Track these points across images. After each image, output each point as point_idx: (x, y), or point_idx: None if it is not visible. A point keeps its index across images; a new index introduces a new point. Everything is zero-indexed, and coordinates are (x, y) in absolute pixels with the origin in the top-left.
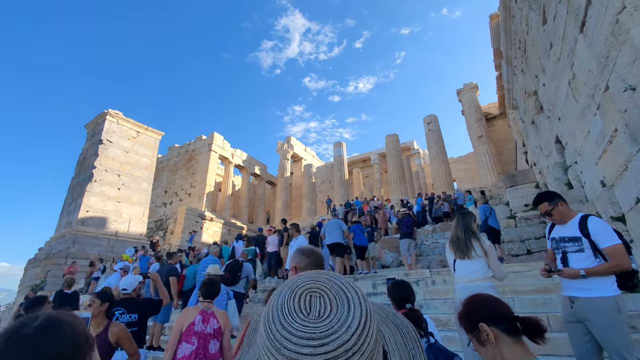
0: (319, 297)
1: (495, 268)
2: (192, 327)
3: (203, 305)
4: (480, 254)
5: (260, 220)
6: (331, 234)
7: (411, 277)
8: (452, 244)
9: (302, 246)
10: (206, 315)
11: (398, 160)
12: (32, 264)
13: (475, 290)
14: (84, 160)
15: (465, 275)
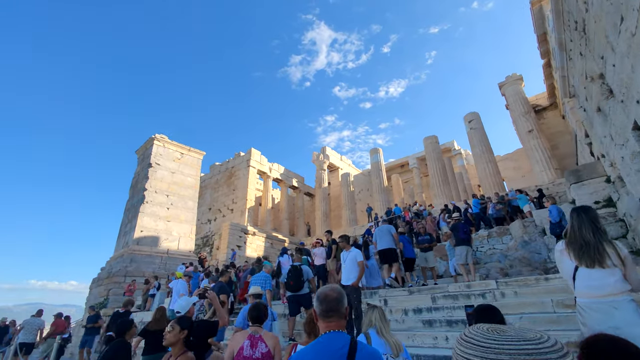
0: None
1: (635, 280)
2: (241, 352)
3: (251, 330)
4: (617, 262)
5: (301, 232)
6: (382, 240)
7: (474, 289)
8: (576, 247)
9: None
10: (254, 340)
11: (439, 162)
12: (95, 282)
13: (614, 306)
14: (136, 183)
15: (597, 287)
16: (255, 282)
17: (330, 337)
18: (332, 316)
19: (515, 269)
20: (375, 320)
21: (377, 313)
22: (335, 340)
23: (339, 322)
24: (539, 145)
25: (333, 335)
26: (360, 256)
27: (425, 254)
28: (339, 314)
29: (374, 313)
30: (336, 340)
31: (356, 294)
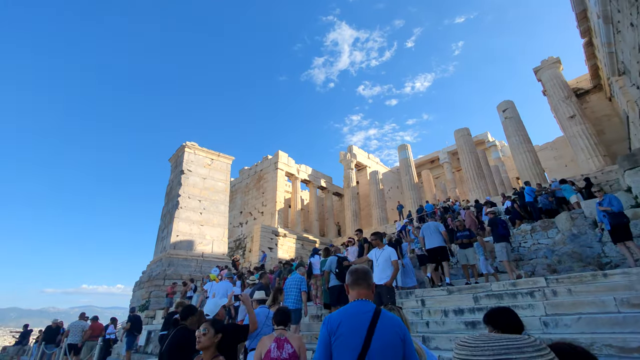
0: None
1: None
2: (268, 354)
3: (277, 333)
4: None
5: (331, 232)
6: (432, 238)
7: (521, 287)
8: None
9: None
10: (280, 342)
11: (472, 155)
12: (138, 285)
13: None
14: (170, 190)
15: None
16: (290, 284)
17: (359, 304)
18: (361, 284)
19: (564, 265)
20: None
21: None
22: (363, 306)
23: (367, 292)
24: (583, 132)
25: (361, 302)
26: (394, 254)
27: (465, 251)
28: (367, 284)
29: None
30: (364, 306)
31: (390, 294)
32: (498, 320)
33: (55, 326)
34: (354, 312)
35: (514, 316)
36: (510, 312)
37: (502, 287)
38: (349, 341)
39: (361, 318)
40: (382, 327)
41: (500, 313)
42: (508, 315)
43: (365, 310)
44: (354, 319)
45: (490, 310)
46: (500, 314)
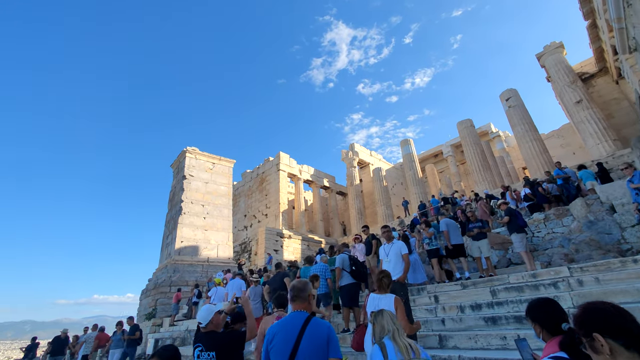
0: None
1: None
2: None
3: (278, 313)
4: None
5: (336, 232)
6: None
7: (542, 278)
8: None
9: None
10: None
11: (476, 147)
12: (144, 294)
13: None
14: (173, 196)
15: None
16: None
17: (295, 315)
18: (299, 297)
19: (582, 253)
20: (387, 324)
21: (387, 317)
22: (297, 317)
23: (303, 304)
24: (591, 116)
25: (297, 313)
26: (405, 248)
27: (479, 243)
28: (303, 297)
29: (385, 317)
30: (298, 317)
31: (403, 291)
32: (537, 316)
33: (64, 336)
34: (288, 323)
35: (555, 308)
36: (549, 304)
37: (522, 279)
38: (281, 347)
39: (293, 327)
40: (309, 333)
41: (539, 306)
42: (547, 307)
43: (298, 320)
44: (288, 329)
45: (530, 303)
46: (539, 307)
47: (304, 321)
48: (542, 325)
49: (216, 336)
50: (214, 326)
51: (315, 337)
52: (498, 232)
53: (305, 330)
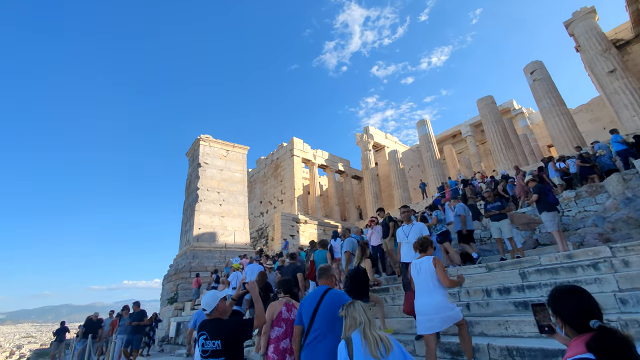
0: None
1: None
2: (280, 315)
3: (285, 299)
4: None
5: (352, 216)
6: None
7: (579, 259)
8: None
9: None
10: (289, 306)
11: (498, 125)
12: (166, 279)
13: None
14: (189, 184)
15: None
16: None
17: (319, 288)
18: (323, 276)
19: (620, 232)
20: (359, 315)
21: (359, 307)
22: (320, 289)
23: (326, 280)
24: (625, 86)
25: (320, 287)
26: (425, 229)
27: (499, 224)
28: (326, 276)
29: (356, 309)
30: (320, 289)
31: None
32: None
33: (95, 319)
34: (313, 293)
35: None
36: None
37: (555, 260)
38: (308, 309)
39: (317, 295)
40: (327, 299)
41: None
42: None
43: (320, 291)
44: (312, 296)
45: (552, 292)
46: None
47: (324, 292)
48: (565, 320)
49: (222, 324)
50: (220, 313)
51: (331, 301)
52: (523, 212)
53: (324, 297)
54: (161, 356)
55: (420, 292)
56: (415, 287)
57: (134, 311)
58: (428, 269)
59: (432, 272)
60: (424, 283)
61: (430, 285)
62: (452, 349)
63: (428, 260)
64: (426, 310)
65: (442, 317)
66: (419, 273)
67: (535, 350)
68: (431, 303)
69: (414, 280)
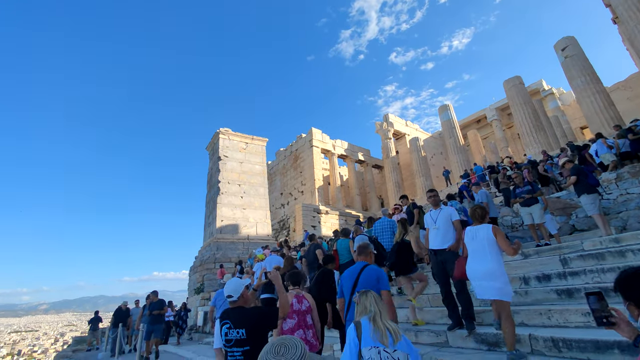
0: None
1: None
2: (291, 307)
3: (295, 291)
4: None
5: (374, 206)
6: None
7: (628, 243)
8: None
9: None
10: (299, 298)
11: (527, 106)
12: (192, 270)
13: None
14: (210, 177)
15: None
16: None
17: (358, 264)
18: (363, 253)
19: None
20: (370, 305)
21: (371, 297)
22: (358, 265)
23: (365, 257)
24: None
25: (359, 263)
26: (455, 214)
27: (530, 209)
28: (365, 253)
29: (368, 298)
30: (359, 265)
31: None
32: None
33: (125, 308)
34: (353, 268)
35: None
36: None
37: (600, 245)
38: (348, 283)
39: (355, 270)
40: (364, 274)
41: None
42: None
43: (359, 267)
44: (352, 271)
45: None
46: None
47: (362, 267)
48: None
49: (246, 312)
50: (243, 301)
51: (369, 276)
52: (558, 197)
53: (362, 272)
54: (190, 344)
55: (474, 257)
56: (470, 252)
57: (152, 301)
58: (486, 236)
59: (490, 240)
60: (479, 250)
61: (486, 252)
62: (488, 339)
63: (486, 229)
64: (479, 275)
65: (495, 286)
66: (474, 239)
67: (586, 342)
68: (484, 269)
69: (468, 246)
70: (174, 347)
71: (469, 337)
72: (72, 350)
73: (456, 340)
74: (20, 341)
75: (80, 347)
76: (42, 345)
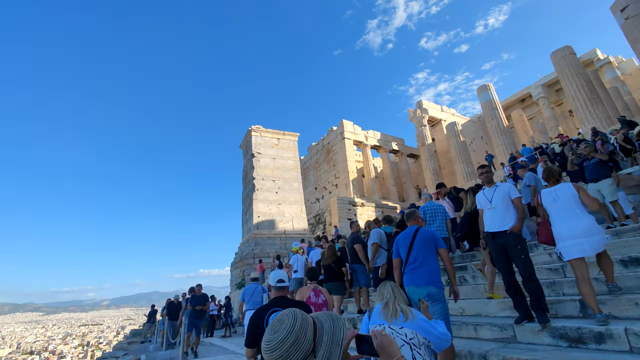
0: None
1: None
2: (309, 300)
3: (312, 285)
4: None
5: (411, 196)
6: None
7: None
8: None
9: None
10: (316, 292)
11: (580, 78)
12: (233, 265)
13: None
14: (245, 175)
15: None
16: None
17: (410, 227)
18: (412, 219)
19: None
20: (387, 293)
21: (388, 287)
22: (412, 228)
23: (414, 221)
24: None
25: (411, 226)
26: (514, 191)
27: (597, 185)
28: (414, 218)
29: (386, 287)
30: (412, 228)
31: (520, 245)
32: None
33: (176, 302)
34: (406, 231)
35: None
36: None
37: None
38: (404, 243)
39: (410, 233)
40: (419, 235)
41: None
42: None
43: (412, 229)
44: (406, 234)
45: None
46: None
47: (415, 229)
48: None
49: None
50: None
51: (424, 236)
52: (629, 173)
53: (417, 234)
54: (235, 337)
55: (562, 217)
56: (553, 214)
57: (195, 293)
58: (570, 194)
59: (575, 196)
60: (566, 208)
61: (575, 210)
62: (569, 334)
63: (568, 187)
64: (574, 233)
65: (593, 241)
66: (556, 200)
67: None
68: (580, 226)
69: (549, 209)
70: (219, 339)
71: (542, 332)
72: (127, 342)
73: (526, 335)
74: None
75: (135, 339)
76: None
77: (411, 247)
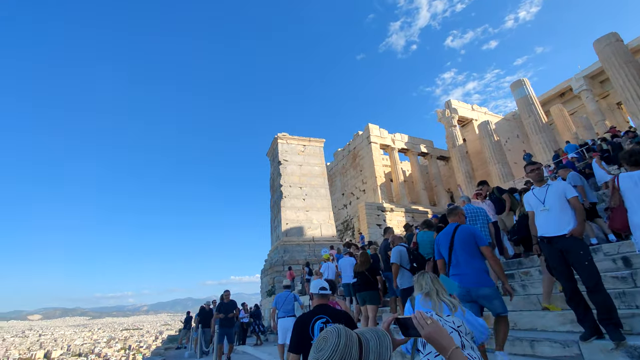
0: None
1: None
2: None
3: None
4: None
5: (443, 200)
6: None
7: None
8: None
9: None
10: (333, 304)
11: (629, 67)
12: (263, 273)
13: None
14: (273, 182)
15: None
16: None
17: (450, 225)
18: (452, 216)
19: None
20: (425, 284)
21: (427, 278)
22: (451, 226)
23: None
24: None
25: (451, 224)
26: (571, 190)
27: None
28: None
29: (424, 278)
30: (451, 226)
31: (583, 250)
32: None
33: (208, 309)
34: (447, 229)
35: None
36: None
37: None
38: (444, 241)
39: (450, 231)
40: (459, 232)
41: None
42: None
43: (452, 227)
44: (446, 232)
45: None
46: None
47: (455, 227)
48: None
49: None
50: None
51: (463, 234)
52: None
53: (457, 231)
54: (267, 345)
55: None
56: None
57: (223, 300)
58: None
59: None
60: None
61: None
62: None
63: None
64: None
65: None
66: (638, 185)
67: None
68: None
69: (628, 194)
70: (252, 348)
71: (616, 351)
72: (164, 348)
73: (595, 354)
74: (129, 337)
75: (171, 345)
76: (146, 342)
77: (452, 247)
